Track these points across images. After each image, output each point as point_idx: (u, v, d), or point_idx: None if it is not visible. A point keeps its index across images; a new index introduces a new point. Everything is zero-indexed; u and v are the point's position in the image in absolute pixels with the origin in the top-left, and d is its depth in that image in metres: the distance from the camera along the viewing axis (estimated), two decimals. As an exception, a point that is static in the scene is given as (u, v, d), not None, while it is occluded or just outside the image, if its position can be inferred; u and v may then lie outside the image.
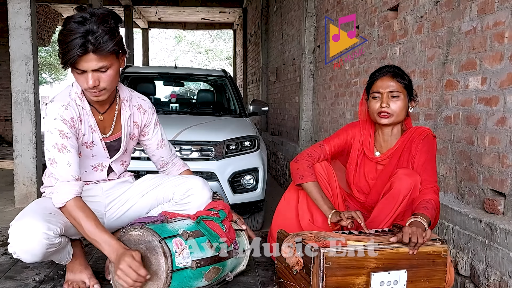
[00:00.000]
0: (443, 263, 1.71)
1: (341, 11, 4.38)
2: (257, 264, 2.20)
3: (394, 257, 1.66)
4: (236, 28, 16.31)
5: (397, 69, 2.04)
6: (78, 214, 1.65)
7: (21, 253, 1.62)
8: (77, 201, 1.68)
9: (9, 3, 4.29)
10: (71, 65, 1.63)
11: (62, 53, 1.62)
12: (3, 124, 10.50)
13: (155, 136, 2.05)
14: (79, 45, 1.57)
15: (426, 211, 1.76)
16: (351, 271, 1.62)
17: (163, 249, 1.63)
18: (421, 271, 1.69)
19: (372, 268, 1.64)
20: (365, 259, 1.63)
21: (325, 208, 2.00)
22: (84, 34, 1.58)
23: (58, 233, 1.63)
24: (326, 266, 1.59)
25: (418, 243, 1.63)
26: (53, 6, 12.83)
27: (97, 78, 1.66)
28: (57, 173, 1.70)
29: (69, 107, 1.74)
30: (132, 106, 1.94)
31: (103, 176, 1.93)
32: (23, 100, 4.34)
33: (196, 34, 27.84)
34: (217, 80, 5.39)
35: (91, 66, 1.63)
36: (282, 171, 6.55)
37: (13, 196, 4.47)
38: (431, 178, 1.91)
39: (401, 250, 1.66)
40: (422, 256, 1.68)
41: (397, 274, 1.66)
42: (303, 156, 2.14)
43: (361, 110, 2.15)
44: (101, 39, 1.58)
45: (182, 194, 1.93)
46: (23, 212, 1.66)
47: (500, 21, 2.04)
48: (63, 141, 1.70)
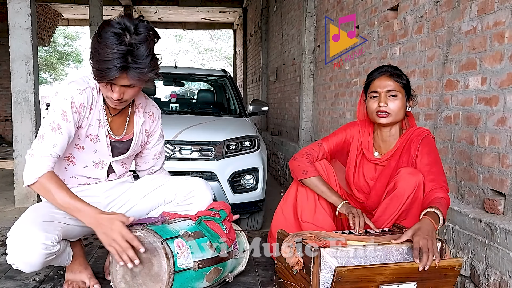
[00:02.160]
0: (454, 276, 1.66)
1: (341, 11, 4.38)
2: (257, 264, 2.20)
3: (406, 271, 1.60)
4: (236, 28, 16.30)
5: (395, 68, 2.04)
6: (50, 186, 1.61)
7: (20, 264, 1.61)
8: (48, 175, 1.63)
9: (9, 3, 4.29)
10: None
11: (97, 67, 1.57)
12: (3, 124, 10.50)
13: (155, 146, 2.04)
14: (118, 67, 1.53)
15: (441, 207, 1.74)
16: (360, 284, 1.58)
17: (165, 250, 1.63)
18: (431, 283, 1.64)
19: (382, 281, 1.60)
20: (376, 273, 1.57)
21: (334, 198, 2.01)
22: (124, 54, 1.52)
23: (56, 241, 1.61)
24: (336, 280, 1.53)
25: (429, 261, 1.57)
26: (53, 6, 12.82)
27: (123, 92, 1.65)
28: (36, 148, 1.65)
29: (84, 93, 1.73)
30: (145, 113, 1.94)
31: (103, 174, 1.92)
32: (23, 100, 4.33)
33: (196, 34, 27.84)
34: (217, 80, 5.38)
35: (122, 82, 1.61)
36: (282, 171, 6.55)
37: (13, 196, 4.47)
38: (439, 178, 1.89)
39: (415, 265, 1.59)
40: (435, 270, 1.61)
41: (406, 287, 1.62)
42: (302, 154, 2.14)
43: (359, 110, 2.15)
44: (141, 68, 1.55)
45: (185, 195, 1.92)
46: (20, 222, 1.63)
47: (500, 21, 2.04)
48: (61, 122, 1.68)
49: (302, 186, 2.12)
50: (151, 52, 1.59)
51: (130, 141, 1.92)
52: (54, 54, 24.39)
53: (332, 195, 2.03)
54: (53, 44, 21.82)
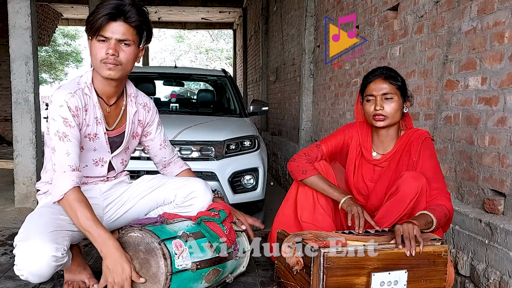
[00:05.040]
0: (443, 263, 1.71)
1: (341, 11, 4.38)
2: (257, 264, 2.20)
3: (395, 257, 1.66)
4: (236, 28, 16.30)
5: (389, 70, 2.03)
6: (75, 204, 1.63)
7: (29, 276, 1.59)
8: (75, 192, 1.65)
9: (9, 3, 4.29)
10: (97, 31, 1.68)
11: (91, 19, 1.69)
12: (3, 124, 10.50)
13: (158, 136, 2.05)
14: (110, 9, 1.68)
15: (433, 212, 1.79)
16: (352, 271, 1.62)
17: (162, 251, 1.62)
18: (421, 271, 1.69)
19: (373, 268, 1.64)
20: (366, 259, 1.63)
21: (336, 194, 2.00)
22: (117, 4, 1.70)
23: (65, 251, 1.61)
24: (326, 266, 1.59)
25: (411, 243, 1.65)
26: (53, 6, 12.82)
27: (118, 49, 1.71)
28: (55, 163, 1.68)
29: (75, 95, 1.74)
30: (138, 104, 1.95)
31: (103, 172, 1.92)
32: (23, 100, 4.33)
33: (196, 34, 27.84)
34: (217, 80, 5.38)
35: (117, 31, 1.69)
36: (282, 171, 6.55)
37: (13, 196, 4.47)
38: (441, 185, 1.91)
39: (402, 250, 1.66)
40: (422, 256, 1.68)
41: (397, 274, 1.66)
42: (300, 155, 2.14)
43: (357, 111, 2.15)
44: (131, 10, 1.70)
45: (184, 197, 1.92)
46: (27, 231, 1.61)
47: (500, 21, 2.04)
48: (65, 129, 1.69)
49: (302, 187, 2.11)
50: (143, 10, 1.76)
51: (124, 133, 1.93)
52: (54, 54, 24.39)
53: (334, 191, 2.01)
54: (53, 44, 21.81)
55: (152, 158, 2.13)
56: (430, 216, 1.77)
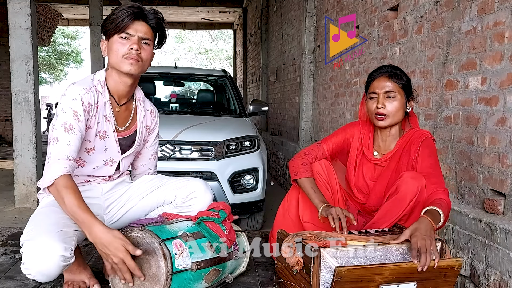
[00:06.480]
0: (454, 275, 1.66)
1: (341, 11, 4.38)
2: (257, 264, 2.20)
3: (406, 272, 1.60)
4: (236, 28, 16.30)
5: (395, 68, 2.03)
6: (63, 190, 1.61)
7: (37, 275, 1.59)
8: (64, 178, 1.63)
9: (9, 3, 4.29)
10: (122, 28, 1.75)
11: (115, 17, 1.76)
12: (3, 124, 10.50)
13: (153, 145, 2.06)
14: (134, 9, 1.77)
15: (441, 208, 1.74)
16: (360, 284, 1.58)
17: (162, 251, 1.62)
18: (431, 283, 1.64)
19: (382, 281, 1.60)
20: (376, 273, 1.57)
21: (316, 202, 1.97)
22: (138, 6, 1.81)
23: (73, 251, 1.61)
24: (336, 280, 1.53)
25: (427, 262, 1.57)
26: (53, 6, 12.82)
27: (140, 47, 1.78)
28: (52, 151, 1.67)
29: (90, 92, 1.77)
30: (146, 109, 1.98)
31: (111, 171, 1.93)
32: (23, 100, 4.33)
33: (196, 34, 27.84)
34: (217, 80, 5.38)
35: (140, 30, 1.77)
36: (282, 171, 6.55)
37: (13, 196, 4.47)
38: (439, 181, 1.89)
39: (414, 265, 1.60)
40: (435, 270, 1.62)
41: (406, 287, 1.62)
42: (300, 154, 2.14)
43: (361, 110, 2.15)
44: (151, 13, 1.82)
45: (185, 197, 1.93)
46: (35, 230, 1.60)
47: (500, 21, 2.04)
48: (73, 122, 1.70)
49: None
50: (160, 17, 1.86)
51: (134, 135, 1.94)
52: (54, 54, 24.38)
53: (315, 198, 1.98)
54: (53, 44, 21.80)
55: (134, 166, 2.08)
56: (439, 214, 1.72)
